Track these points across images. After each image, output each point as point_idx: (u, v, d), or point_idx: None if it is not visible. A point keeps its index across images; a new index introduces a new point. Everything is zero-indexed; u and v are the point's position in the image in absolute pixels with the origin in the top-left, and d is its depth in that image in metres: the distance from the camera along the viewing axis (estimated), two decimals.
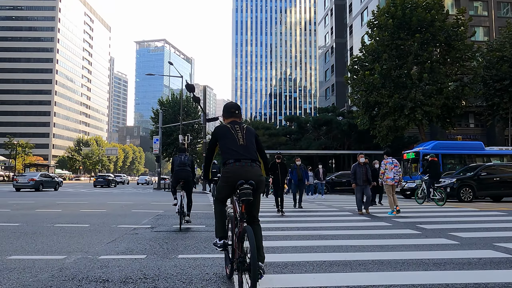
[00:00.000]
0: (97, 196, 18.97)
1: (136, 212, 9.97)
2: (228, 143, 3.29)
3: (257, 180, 3.17)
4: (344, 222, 8.10)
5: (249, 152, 3.27)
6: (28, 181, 24.44)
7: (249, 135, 3.37)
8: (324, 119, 34.31)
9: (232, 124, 3.42)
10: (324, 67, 65.13)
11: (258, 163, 3.31)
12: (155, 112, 55.19)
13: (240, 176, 3.13)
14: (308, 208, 11.76)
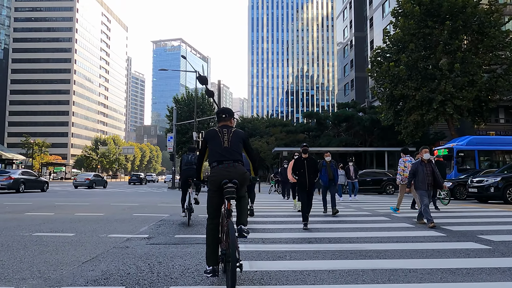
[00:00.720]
0: (106, 196, 17.91)
1: (137, 216, 8.70)
2: (214, 146, 3.58)
3: (240, 179, 3.44)
4: (386, 230, 6.63)
5: (231, 153, 3.53)
6: (84, 180, 29.39)
7: (235, 138, 3.63)
8: (345, 115, 32.57)
9: (221, 128, 3.69)
10: (342, 62, 63.12)
11: (241, 163, 3.56)
12: (170, 110, 54.32)
13: (224, 177, 3.37)
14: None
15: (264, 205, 12.23)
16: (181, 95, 57.60)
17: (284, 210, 10.42)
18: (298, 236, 6.08)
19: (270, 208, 10.91)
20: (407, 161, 9.31)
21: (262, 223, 7.67)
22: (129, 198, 16.36)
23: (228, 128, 3.68)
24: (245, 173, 3.53)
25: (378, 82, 27.67)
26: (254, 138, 48.86)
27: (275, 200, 15.04)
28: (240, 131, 3.75)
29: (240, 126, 59.38)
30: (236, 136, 3.65)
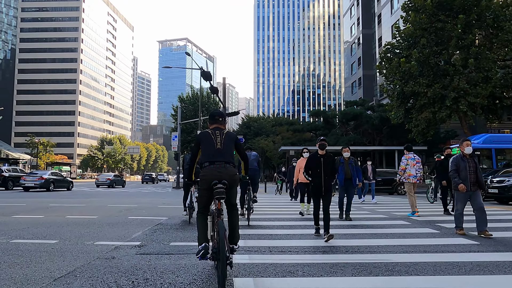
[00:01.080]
0: (106, 196, 17.28)
1: (132, 219, 8.01)
2: (206, 147, 3.74)
3: (230, 180, 3.61)
4: (409, 237, 5.88)
5: (223, 155, 3.70)
6: (105, 180, 31.56)
7: (228, 140, 3.81)
8: (353, 113, 31.71)
9: (214, 130, 3.85)
10: (350, 60, 62.16)
11: (232, 164, 3.72)
12: (175, 109, 53.79)
13: (214, 177, 3.55)
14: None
15: (270, 207, 11.48)
16: (186, 94, 57.12)
17: (292, 213, 9.68)
18: (310, 244, 5.35)
19: (277, 211, 10.18)
20: (409, 159, 8.94)
21: (269, 227, 6.95)
22: (132, 199, 15.73)
23: (220, 130, 3.86)
24: (235, 175, 3.69)
25: (388, 79, 26.78)
26: (260, 137, 48.15)
27: (282, 202, 14.21)
28: (232, 133, 3.93)
29: (246, 125, 58.68)
30: (229, 138, 3.83)
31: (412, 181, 8.87)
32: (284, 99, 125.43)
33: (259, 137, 47.94)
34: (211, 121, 3.95)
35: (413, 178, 8.86)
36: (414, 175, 8.86)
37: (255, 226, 7.02)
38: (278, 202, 14.12)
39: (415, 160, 8.94)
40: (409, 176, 8.90)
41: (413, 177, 8.86)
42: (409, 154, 9.04)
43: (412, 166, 8.87)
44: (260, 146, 44.82)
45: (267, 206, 11.80)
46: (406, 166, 8.98)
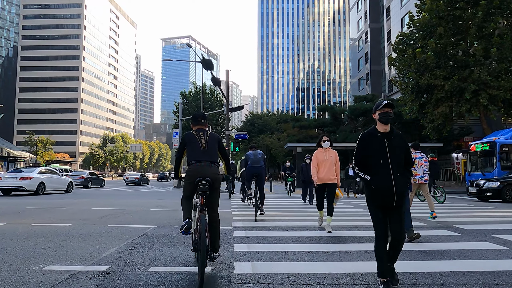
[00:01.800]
0: (97, 197, 15.83)
1: (112, 228, 6.53)
2: (192, 148, 4.01)
3: (213, 178, 3.87)
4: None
5: (209, 155, 3.98)
6: (134, 178, 35.14)
7: (212, 141, 4.09)
8: (363, 108, 30.10)
9: (198, 131, 4.13)
10: (357, 56, 60.44)
11: (216, 164, 4.01)
12: (177, 106, 52.37)
13: (199, 174, 3.83)
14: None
15: (281, 212, 9.88)
16: (189, 91, 55.76)
17: (311, 220, 8.16)
18: (346, 269, 3.85)
19: (290, 217, 8.64)
20: (417, 158, 8.26)
21: (283, 240, 5.45)
22: (125, 200, 14.28)
23: (204, 131, 4.11)
24: (218, 174, 3.97)
25: (401, 72, 25.19)
26: (265, 134, 46.64)
27: (293, 205, 12.24)
28: (215, 134, 4.17)
29: (249, 122, 57.20)
30: (213, 139, 4.10)
31: (419, 181, 8.20)
32: (288, 97, 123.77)
33: (263, 135, 46.45)
34: (194, 123, 4.22)
35: (419, 179, 8.20)
36: (421, 175, 8.20)
37: (266, 239, 5.53)
38: (288, 203, 12.60)
39: (423, 159, 8.27)
40: (416, 176, 8.29)
41: (419, 177, 8.20)
42: (416, 153, 8.31)
43: (420, 166, 8.25)
44: (265, 144, 43.30)
45: (276, 210, 10.29)
46: (414, 165, 7.85)
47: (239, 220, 7.80)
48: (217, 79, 17.99)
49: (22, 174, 16.39)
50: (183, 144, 4.09)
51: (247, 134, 24.08)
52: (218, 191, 4.01)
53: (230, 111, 25.17)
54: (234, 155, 63.67)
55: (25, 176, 16.23)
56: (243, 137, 24.16)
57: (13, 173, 16.88)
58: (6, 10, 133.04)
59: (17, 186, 15.96)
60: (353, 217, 8.57)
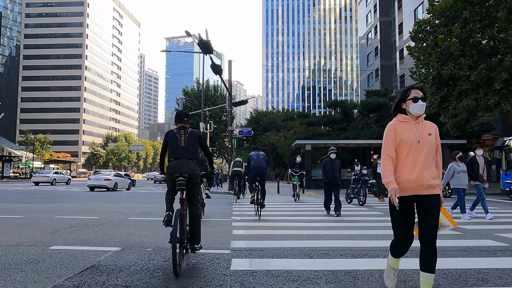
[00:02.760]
0: (81, 201, 13.86)
1: (52, 252, 4.45)
2: (172, 145, 4.22)
3: (191, 174, 4.07)
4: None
5: (187, 151, 4.16)
6: (162, 177, 33.98)
7: (191, 138, 4.25)
8: (376, 103, 27.93)
9: (179, 129, 4.32)
10: (365, 51, 58.18)
11: (195, 160, 4.18)
12: (178, 103, 50.41)
13: (177, 170, 4.04)
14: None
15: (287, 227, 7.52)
16: (191, 87, 53.88)
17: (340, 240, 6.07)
18: None
19: (305, 240, 6.54)
20: None
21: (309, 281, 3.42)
22: (109, 204, 12.28)
23: (185, 129, 4.34)
24: (196, 170, 4.14)
25: (421, 62, 23.00)
26: (270, 132, 44.56)
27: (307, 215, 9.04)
28: (195, 131, 4.35)
29: (254, 120, 55.13)
30: (193, 137, 4.28)
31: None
32: (294, 95, 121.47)
33: (269, 132, 44.38)
34: (177, 121, 4.45)
35: None
36: None
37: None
38: (298, 211, 10.46)
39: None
40: None
41: None
42: None
43: None
44: (270, 142, 41.23)
45: (279, 217, 8.19)
46: None
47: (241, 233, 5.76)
48: (218, 66, 15.98)
49: (105, 176, 22.71)
50: (165, 142, 4.30)
51: (251, 130, 22.02)
52: (197, 186, 4.17)
53: (233, 106, 23.15)
54: (238, 154, 61.63)
55: (107, 178, 22.54)
56: (248, 134, 22.12)
57: (98, 175, 23.00)
58: (9, 8, 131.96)
59: (101, 185, 22.11)
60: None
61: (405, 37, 43.55)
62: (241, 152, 63.96)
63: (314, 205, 12.04)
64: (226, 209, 9.90)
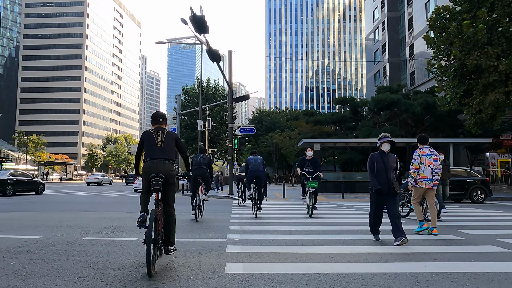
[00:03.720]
0: (51, 208, 11.78)
1: None
2: (149, 145, 4.20)
3: (167, 174, 4.05)
4: None
5: (164, 152, 4.15)
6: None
7: (168, 139, 4.24)
8: (389, 99, 25.75)
9: (156, 129, 4.31)
10: (373, 48, 56.03)
11: (171, 161, 4.18)
12: (177, 100, 48.41)
13: (153, 171, 4.03)
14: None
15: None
16: (191, 86, 51.98)
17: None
18: None
19: None
20: (424, 155, 6.47)
21: None
22: (76, 214, 10.17)
23: (161, 130, 4.30)
24: (172, 171, 4.13)
25: (440, 52, 20.84)
26: (274, 132, 42.41)
27: (346, 241, 5.75)
28: (172, 132, 4.34)
29: (257, 120, 53.05)
30: (169, 138, 4.27)
31: (426, 186, 6.47)
32: (297, 96, 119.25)
33: (272, 132, 42.24)
34: (153, 122, 4.39)
35: (427, 182, 6.46)
36: (429, 177, 6.47)
37: None
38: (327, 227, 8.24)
39: (432, 157, 6.51)
40: (422, 179, 6.52)
41: (427, 180, 6.47)
42: (424, 149, 6.61)
43: (428, 166, 6.49)
44: (274, 142, 39.09)
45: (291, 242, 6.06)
46: (420, 164, 6.54)
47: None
48: (215, 52, 13.89)
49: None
50: (142, 142, 4.30)
51: (254, 128, 19.91)
52: (173, 187, 4.19)
53: (234, 102, 21.07)
54: (240, 155, 59.51)
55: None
56: (250, 132, 20.02)
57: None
58: (9, 9, 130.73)
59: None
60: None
61: (415, 32, 41.40)
62: (242, 153, 61.88)
63: (340, 220, 8.35)
64: (221, 222, 7.78)
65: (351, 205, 13.28)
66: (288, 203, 14.30)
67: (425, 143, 6.68)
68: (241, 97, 21.16)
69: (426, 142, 6.70)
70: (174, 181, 4.16)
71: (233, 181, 20.22)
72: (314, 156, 10.33)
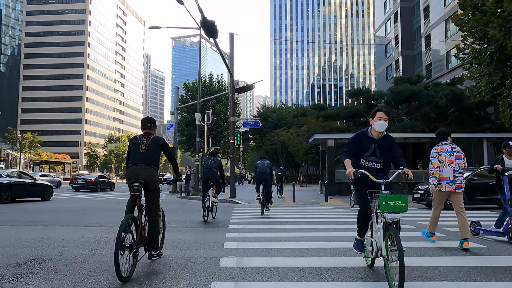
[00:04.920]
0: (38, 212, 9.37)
1: None
2: (133, 150, 4.26)
3: (147, 179, 4.06)
4: None
5: (146, 157, 4.15)
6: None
7: (153, 144, 4.23)
8: (410, 91, 23.06)
9: (142, 135, 4.33)
10: (384, 41, 53.22)
11: (153, 166, 4.17)
12: (180, 98, 46.05)
13: (134, 176, 4.05)
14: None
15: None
16: (193, 81, 49.59)
17: None
18: None
19: None
20: (443, 152, 5.38)
21: None
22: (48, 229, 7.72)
23: (148, 135, 4.30)
24: (153, 176, 4.14)
25: (473, 34, 18.15)
26: (281, 129, 39.82)
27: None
28: (158, 137, 4.34)
29: (262, 116, 50.53)
30: (154, 143, 4.24)
31: (447, 188, 5.28)
32: (303, 93, 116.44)
33: (279, 129, 39.65)
34: (142, 127, 4.43)
35: (447, 184, 5.28)
36: (450, 179, 5.28)
37: None
38: None
39: (454, 154, 5.33)
40: (441, 181, 5.32)
41: (447, 182, 5.27)
42: (444, 145, 5.44)
43: (448, 164, 5.32)
44: (281, 139, 36.52)
45: None
46: (440, 163, 5.38)
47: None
48: (210, 24, 11.39)
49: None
50: (129, 148, 4.36)
51: (259, 122, 17.40)
52: (155, 192, 4.18)
53: (237, 92, 18.57)
54: (245, 154, 56.75)
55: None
56: (254, 126, 17.54)
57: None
58: (11, 7, 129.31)
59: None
60: None
61: (432, 22, 38.62)
62: (247, 152, 59.26)
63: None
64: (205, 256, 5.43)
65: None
66: (303, 212, 11.78)
67: (445, 138, 5.71)
68: (244, 87, 18.66)
69: (446, 137, 5.73)
70: (155, 187, 4.17)
71: (235, 181, 17.89)
72: (387, 134, 4.13)
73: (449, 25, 34.98)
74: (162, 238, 4.52)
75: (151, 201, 4.13)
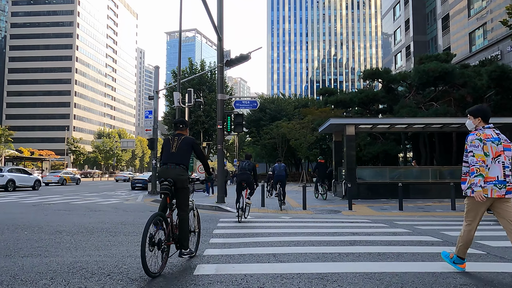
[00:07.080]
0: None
1: None
2: (165, 151, 4.47)
3: (175, 178, 4.22)
4: None
5: (176, 157, 4.35)
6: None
7: (184, 144, 4.43)
8: (441, 69, 18.71)
9: (174, 136, 4.54)
10: (392, 27, 48.85)
11: (182, 166, 4.34)
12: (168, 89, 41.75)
13: (163, 175, 4.26)
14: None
15: None
16: (183, 69, 45.07)
17: None
18: None
19: None
20: (489, 140, 3.54)
21: None
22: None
23: (179, 136, 4.52)
24: (182, 175, 4.28)
25: None
26: (280, 120, 35.38)
27: None
28: (189, 138, 4.52)
29: (260, 108, 46.20)
30: (185, 143, 4.45)
31: (494, 194, 3.45)
32: (301, 88, 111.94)
33: (279, 121, 35.22)
34: (174, 128, 4.71)
35: (495, 188, 3.44)
36: (498, 178, 3.46)
37: None
38: None
39: (502, 143, 3.55)
40: (486, 183, 3.47)
41: (495, 184, 3.45)
42: (487, 130, 3.60)
43: (494, 158, 3.50)
44: (281, 132, 32.08)
45: None
46: (486, 156, 3.52)
47: None
48: None
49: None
50: (162, 149, 4.53)
51: (256, 101, 12.87)
52: (184, 191, 4.32)
53: (227, 65, 14.06)
54: (241, 150, 52.18)
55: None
56: (250, 106, 13.10)
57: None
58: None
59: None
60: None
61: (451, 1, 34.27)
62: (243, 148, 54.86)
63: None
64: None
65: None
66: (321, 223, 7.31)
67: (486, 121, 3.66)
68: (237, 57, 14.14)
69: (486, 119, 3.67)
70: (184, 185, 4.29)
71: (225, 182, 13.53)
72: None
73: (472, 1, 30.67)
74: (197, 239, 4.71)
75: (181, 200, 4.28)
